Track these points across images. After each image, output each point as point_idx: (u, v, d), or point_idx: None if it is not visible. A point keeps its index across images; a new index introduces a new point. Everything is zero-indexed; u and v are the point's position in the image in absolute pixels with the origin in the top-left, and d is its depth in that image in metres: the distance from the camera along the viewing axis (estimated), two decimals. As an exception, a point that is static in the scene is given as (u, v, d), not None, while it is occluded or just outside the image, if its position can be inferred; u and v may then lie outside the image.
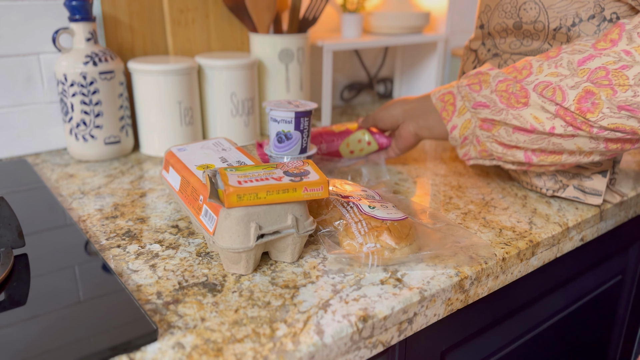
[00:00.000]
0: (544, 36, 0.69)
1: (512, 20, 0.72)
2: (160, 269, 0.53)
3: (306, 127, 0.68)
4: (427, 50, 1.25)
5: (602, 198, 0.69)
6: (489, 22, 0.76)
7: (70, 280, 0.49)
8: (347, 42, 1.07)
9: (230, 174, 0.52)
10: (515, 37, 0.73)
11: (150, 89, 0.83)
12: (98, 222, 0.63)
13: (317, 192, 0.52)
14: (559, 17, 0.67)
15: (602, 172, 0.68)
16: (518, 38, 0.73)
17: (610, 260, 0.87)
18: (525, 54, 0.72)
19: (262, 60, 0.95)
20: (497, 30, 0.75)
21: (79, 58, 0.79)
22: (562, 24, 0.67)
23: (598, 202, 0.69)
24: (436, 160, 0.87)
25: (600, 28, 0.64)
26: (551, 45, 0.69)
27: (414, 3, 1.26)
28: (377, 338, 0.48)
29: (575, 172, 0.69)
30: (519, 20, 0.71)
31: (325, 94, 1.07)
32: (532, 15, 0.69)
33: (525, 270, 0.62)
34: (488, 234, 0.62)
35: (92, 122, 0.82)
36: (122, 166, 0.82)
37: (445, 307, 0.53)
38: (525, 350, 0.75)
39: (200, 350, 0.42)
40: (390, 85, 1.37)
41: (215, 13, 0.96)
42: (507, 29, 0.73)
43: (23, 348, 0.40)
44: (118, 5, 0.87)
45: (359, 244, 0.54)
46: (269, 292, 0.50)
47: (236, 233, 0.50)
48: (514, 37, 0.73)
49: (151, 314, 0.46)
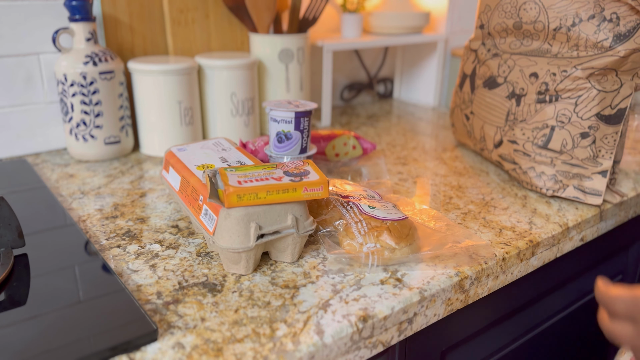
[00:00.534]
0: (544, 36, 0.69)
1: (512, 20, 0.72)
2: (160, 269, 0.53)
3: (306, 127, 0.68)
4: (427, 50, 1.25)
5: (602, 198, 0.69)
6: (489, 22, 0.76)
7: (70, 280, 0.49)
8: (347, 42, 1.06)
9: (230, 174, 0.52)
10: (515, 37, 0.73)
11: (150, 89, 0.83)
12: (98, 222, 0.63)
13: (317, 192, 0.52)
14: (559, 17, 0.67)
15: (602, 172, 0.68)
16: (518, 38, 0.73)
17: (610, 260, 0.87)
18: (525, 54, 0.72)
19: (262, 60, 0.95)
20: (497, 30, 0.75)
21: (79, 58, 0.79)
22: (562, 23, 0.67)
23: (598, 202, 0.69)
24: (436, 160, 0.87)
25: (600, 28, 0.64)
26: (551, 46, 0.69)
27: (414, 3, 1.26)
28: (377, 338, 0.48)
29: (575, 172, 0.69)
30: (519, 20, 0.71)
31: (325, 94, 1.07)
32: (532, 15, 0.69)
33: (525, 270, 0.62)
34: (488, 234, 0.62)
35: (92, 122, 0.82)
36: (122, 166, 0.82)
37: (445, 307, 0.53)
38: (525, 350, 0.75)
39: (200, 350, 0.42)
40: (390, 85, 1.37)
41: (215, 13, 0.96)
42: (507, 29, 0.73)
43: (23, 348, 0.40)
44: (118, 5, 0.87)
45: (359, 244, 0.54)
46: (269, 292, 0.50)
47: (236, 233, 0.50)
48: (514, 37, 0.73)
49: (151, 314, 0.46)
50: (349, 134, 0.84)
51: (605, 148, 0.68)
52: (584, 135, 0.68)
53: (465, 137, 0.88)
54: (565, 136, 0.69)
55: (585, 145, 0.68)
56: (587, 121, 0.67)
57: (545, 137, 0.71)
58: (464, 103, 0.86)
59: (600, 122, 0.67)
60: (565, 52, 0.68)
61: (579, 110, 0.68)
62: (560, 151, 0.70)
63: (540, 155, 0.71)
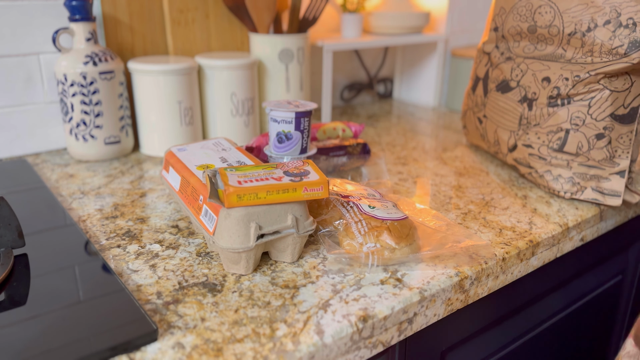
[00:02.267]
0: (559, 41, 0.68)
1: (526, 23, 0.71)
2: (160, 269, 0.53)
3: (306, 127, 0.68)
4: (427, 50, 1.25)
5: (622, 199, 0.68)
6: (503, 25, 0.76)
7: (70, 280, 0.49)
8: (347, 42, 1.07)
9: (230, 174, 0.52)
10: (530, 41, 0.72)
11: (150, 89, 0.83)
12: (98, 222, 0.63)
13: (317, 192, 0.52)
14: (574, 21, 0.66)
15: (619, 173, 0.67)
16: (532, 42, 0.72)
17: (610, 260, 0.87)
18: (539, 58, 0.71)
19: (262, 60, 0.95)
20: (511, 34, 0.74)
21: (79, 58, 0.79)
22: (577, 28, 0.66)
23: (617, 203, 0.68)
24: (436, 161, 0.87)
25: (615, 34, 0.63)
26: (565, 51, 0.68)
27: (414, 3, 1.26)
28: (377, 338, 0.48)
29: (592, 173, 0.68)
30: (534, 24, 0.70)
31: (325, 94, 1.07)
32: (547, 19, 0.69)
33: (525, 270, 0.62)
34: (488, 234, 0.62)
35: (92, 122, 0.82)
36: (122, 166, 0.82)
37: (445, 307, 0.53)
38: (525, 350, 0.75)
39: (200, 350, 0.42)
40: (390, 85, 1.37)
41: (215, 13, 0.96)
42: (521, 32, 0.73)
43: (23, 348, 0.40)
44: (118, 5, 0.87)
45: (359, 244, 0.54)
46: (269, 292, 0.50)
47: (236, 233, 0.50)
48: (528, 41, 0.72)
49: (151, 314, 0.46)
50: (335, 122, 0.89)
51: (622, 148, 0.67)
52: (599, 136, 0.67)
53: (479, 139, 0.88)
54: (580, 138, 0.68)
55: (601, 146, 0.67)
56: (601, 122, 0.67)
57: (561, 141, 0.70)
58: (476, 106, 0.86)
59: (614, 122, 0.66)
60: (580, 57, 0.67)
61: (592, 112, 0.67)
62: (577, 153, 0.69)
63: (556, 158, 0.71)
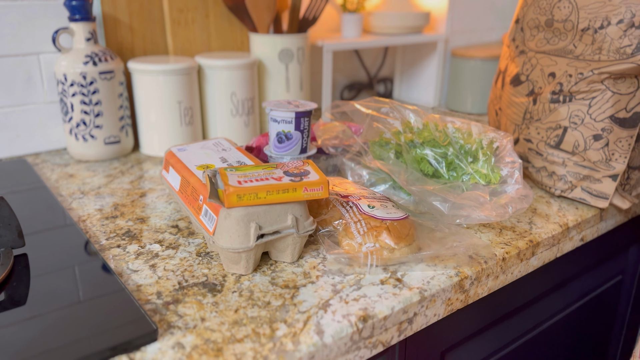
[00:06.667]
0: (572, 36, 0.68)
1: (544, 17, 0.71)
2: (160, 269, 0.53)
3: (306, 127, 0.68)
4: (427, 50, 1.25)
5: (609, 202, 0.68)
6: (524, 17, 0.76)
7: (70, 280, 0.49)
8: (347, 42, 1.06)
9: (230, 174, 0.52)
10: (545, 35, 0.72)
11: (150, 89, 0.83)
12: (98, 222, 0.63)
13: (317, 192, 0.52)
14: (589, 17, 0.66)
15: (612, 176, 0.67)
16: (547, 36, 0.72)
17: (610, 260, 0.86)
18: (549, 53, 0.71)
19: (262, 60, 0.95)
20: (529, 26, 0.74)
21: (79, 58, 0.79)
22: (590, 25, 0.66)
23: (604, 205, 0.68)
24: (436, 160, 0.87)
25: (626, 34, 0.63)
26: (575, 47, 0.68)
27: (414, 3, 1.26)
28: (377, 338, 0.48)
29: (586, 174, 0.68)
30: (551, 18, 0.70)
31: (325, 94, 1.07)
32: (565, 13, 0.69)
33: (525, 270, 0.62)
34: (488, 234, 0.62)
35: (92, 122, 0.82)
36: (122, 166, 0.82)
37: (445, 307, 0.53)
38: (526, 350, 0.75)
39: (200, 350, 0.42)
40: (390, 85, 1.37)
41: (215, 13, 0.96)
42: (539, 25, 0.73)
43: (23, 348, 0.40)
44: (118, 5, 0.87)
45: (358, 244, 0.54)
46: (269, 292, 0.50)
47: (236, 233, 0.50)
48: (543, 35, 0.72)
49: (151, 314, 0.46)
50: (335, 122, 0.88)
51: (619, 152, 0.67)
52: (597, 137, 0.67)
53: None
54: (577, 137, 0.68)
55: (597, 147, 0.67)
56: (600, 123, 0.67)
57: (558, 138, 0.70)
58: (496, 99, 0.86)
59: (614, 125, 0.66)
60: (588, 54, 0.67)
61: (592, 112, 0.67)
62: (572, 152, 0.69)
63: (552, 155, 0.71)
